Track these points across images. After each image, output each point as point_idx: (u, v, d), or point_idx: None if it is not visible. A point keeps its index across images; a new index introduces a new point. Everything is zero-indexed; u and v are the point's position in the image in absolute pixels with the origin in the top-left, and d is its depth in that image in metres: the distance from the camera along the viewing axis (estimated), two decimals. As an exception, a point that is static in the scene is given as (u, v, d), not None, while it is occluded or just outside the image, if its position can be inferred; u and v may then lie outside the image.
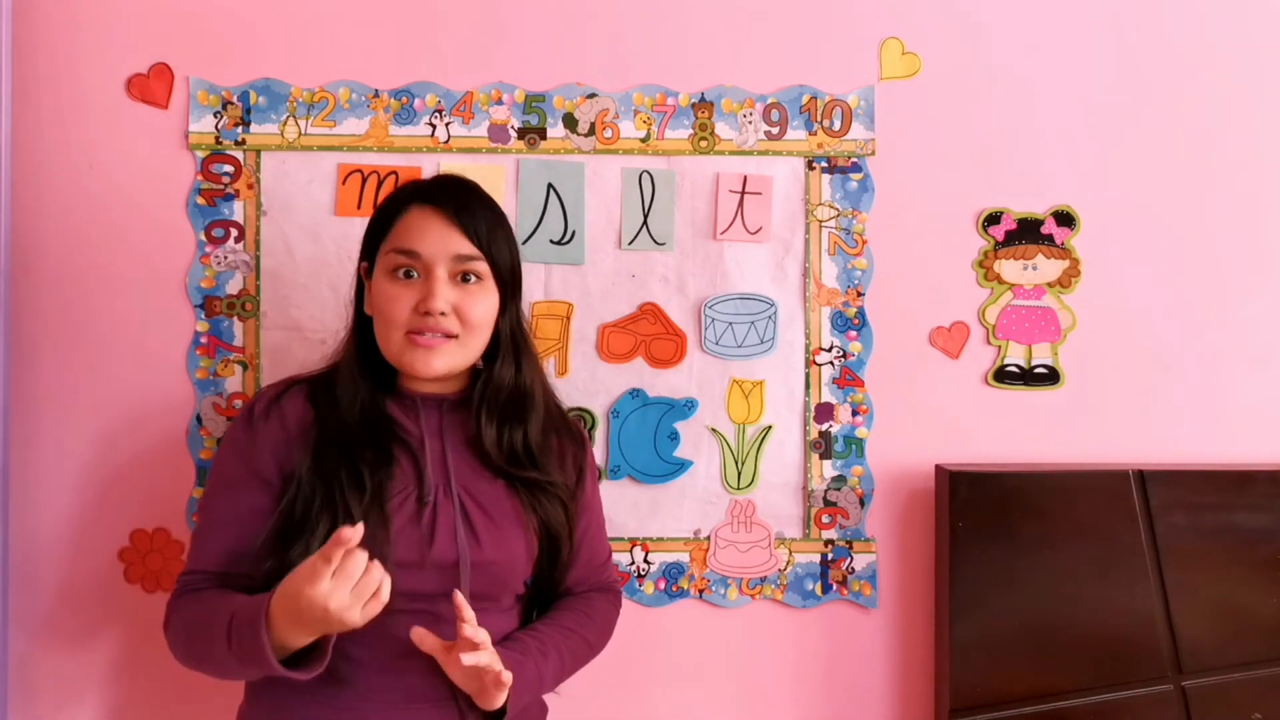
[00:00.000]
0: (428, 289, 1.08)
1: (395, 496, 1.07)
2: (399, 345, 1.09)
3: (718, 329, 1.47)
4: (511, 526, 1.12)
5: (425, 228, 1.10)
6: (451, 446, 1.13)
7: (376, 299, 1.11)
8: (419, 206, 1.12)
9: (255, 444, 1.10)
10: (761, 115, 1.48)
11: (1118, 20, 1.50)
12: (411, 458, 1.10)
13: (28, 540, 1.41)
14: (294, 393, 1.14)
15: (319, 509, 1.04)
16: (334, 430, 1.09)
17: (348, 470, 1.05)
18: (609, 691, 1.47)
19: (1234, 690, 1.40)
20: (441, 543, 1.06)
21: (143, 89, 1.43)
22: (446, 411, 1.15)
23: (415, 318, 1.08)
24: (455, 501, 1.09)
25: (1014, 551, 1.38)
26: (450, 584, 1.04)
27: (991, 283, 1.49)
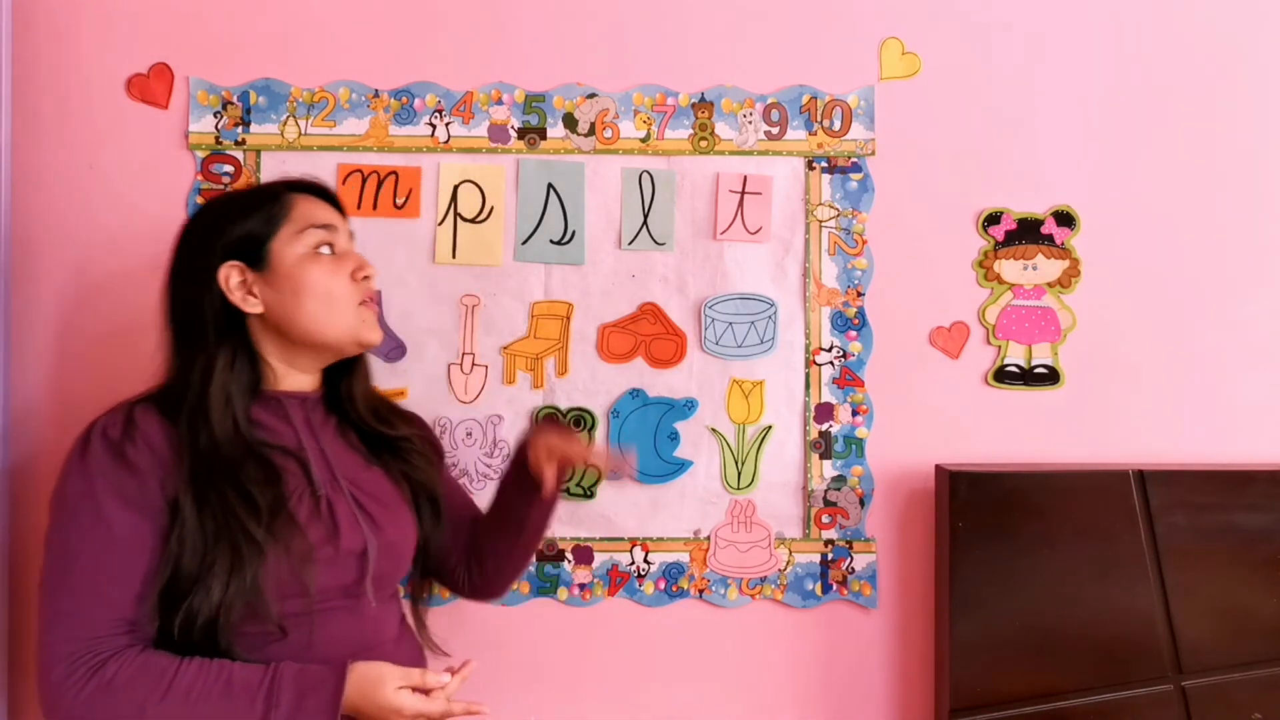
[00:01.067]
0: (356, 258, 1.13)
1: (291, 497, 1.05)
2: (354, 318, 1.10)
3: (718, 329, 1.47)
4: (398, 506, 1.15)
5: (324, 208, 1.14)
6: (325, 441, 1.13)
7: (310, 277, 1.08)
8: (298, 195, 1.13)
9: (126, 471, 0.98)
10: (761, 115, 1.48)
11: (1118, 20, 1.50)
12: (293, 459, 1.08)
13: (29, 541, 1.41)
14: (144, 412, 1.03)
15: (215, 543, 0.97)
16: (210, 456, 1.01)
17: (236, 494, 0.99)
18: (609, 691, 1.48)
19: (1234, 690, 1.40)
20: (347, 532, 1.06)
21: (143, 89, 1.43)
22: (311, 409, 1.14)
23: (359, 286, 1.12)
24: (345, 492, 1.10)
25: (1014, 551, 1.38)
26: (360, 570, 1.07)
27: (991, 283, 1.49)
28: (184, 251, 1.11)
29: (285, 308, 1.08)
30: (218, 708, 0.95)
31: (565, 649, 1.47)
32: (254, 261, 1.08)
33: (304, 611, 1.02)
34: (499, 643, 1.47)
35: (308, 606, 1.02)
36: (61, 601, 0.96)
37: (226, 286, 1.07)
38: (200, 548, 0.98)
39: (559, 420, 1.41)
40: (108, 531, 0.97)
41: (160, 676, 0.95)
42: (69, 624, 0.95)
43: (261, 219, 1.10)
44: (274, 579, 0.99)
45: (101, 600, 0.96)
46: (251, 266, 1.08)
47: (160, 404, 1.05)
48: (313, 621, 1.02)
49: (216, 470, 1.00)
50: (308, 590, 1.01)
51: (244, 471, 1.01)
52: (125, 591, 0.97)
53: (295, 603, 1.01)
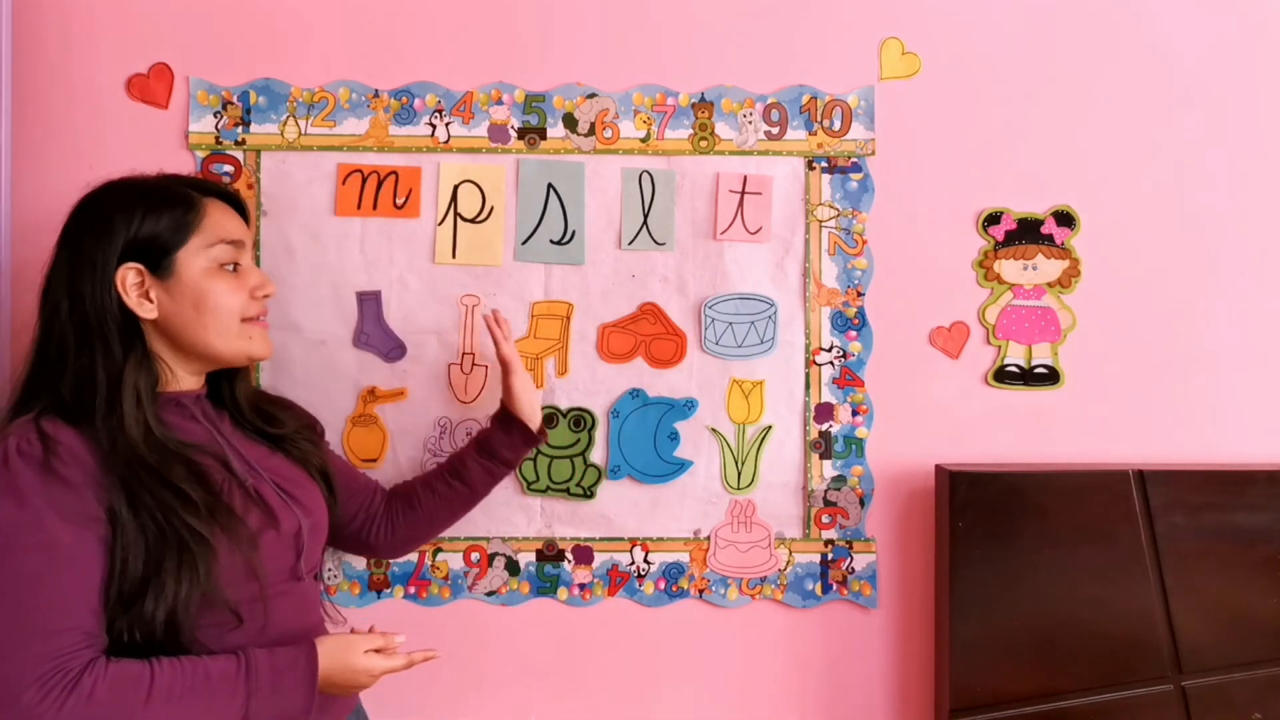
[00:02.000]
0: (258, 275, 1.15)
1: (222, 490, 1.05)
2: (237, 334, 1.11)
3: (718, 329, 1.47)
4: (312, 487, 1.19)
5: (235, 220, 1.14)
6: (229, 435, 1.14)
7: (212, 293, 1.08)
8: (212, 201, 1.12)
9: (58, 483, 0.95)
10: (761, 115, 1.48)
11: (1118, 20, 1.50)
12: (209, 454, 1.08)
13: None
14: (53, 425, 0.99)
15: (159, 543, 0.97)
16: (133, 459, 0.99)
17: (171, 493, 0.99)
18: (609, 691, 1.48)
19: (1234, 690, 1.40)
20: (282, 516, 1.09)
21: (143, 89, 1.43)
22: (205, 405, 1.15)
23: (252, 304, 1.13)
24: (267, 480, 1.12)
25: (1014, 551, 1.38)
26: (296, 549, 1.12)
27: (991, 283, 1.49)
28: (80, 243, 1.05)
29: (182, 318, 1.07)
30: (201, 703, 0.96)
31: (565, 649, 1.47)
32: (155, 266, 1.06)
33: (257, 597, 1.05)
34: (499, 643, 1.47)
35: (260, 592, 1.05)
36: (20, 628, 0.93)
37: (123, 287, 1.04)
38: (143, 551, 0.97)
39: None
40: (54, 549, 0.94)
41: (138, 682, 0.94)
42: (33, 646, 0.92)
43: (171, 225, 1.06)
44: (225, 569, 1.01)
45: (61, 618, 0.94)
46: (152, 271, 1.06)
47: (64, 413, 1.00)
48: (266, 605, 1.05)
49: (144, 472, 0.99)
50: (257, 575, 1.04)
51: (171, 471, 1.01)
52: (81, 605, 0.95)
53: (247, 588, 1.03)
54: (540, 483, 1.46)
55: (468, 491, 1.34)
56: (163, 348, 1.09)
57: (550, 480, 1.46)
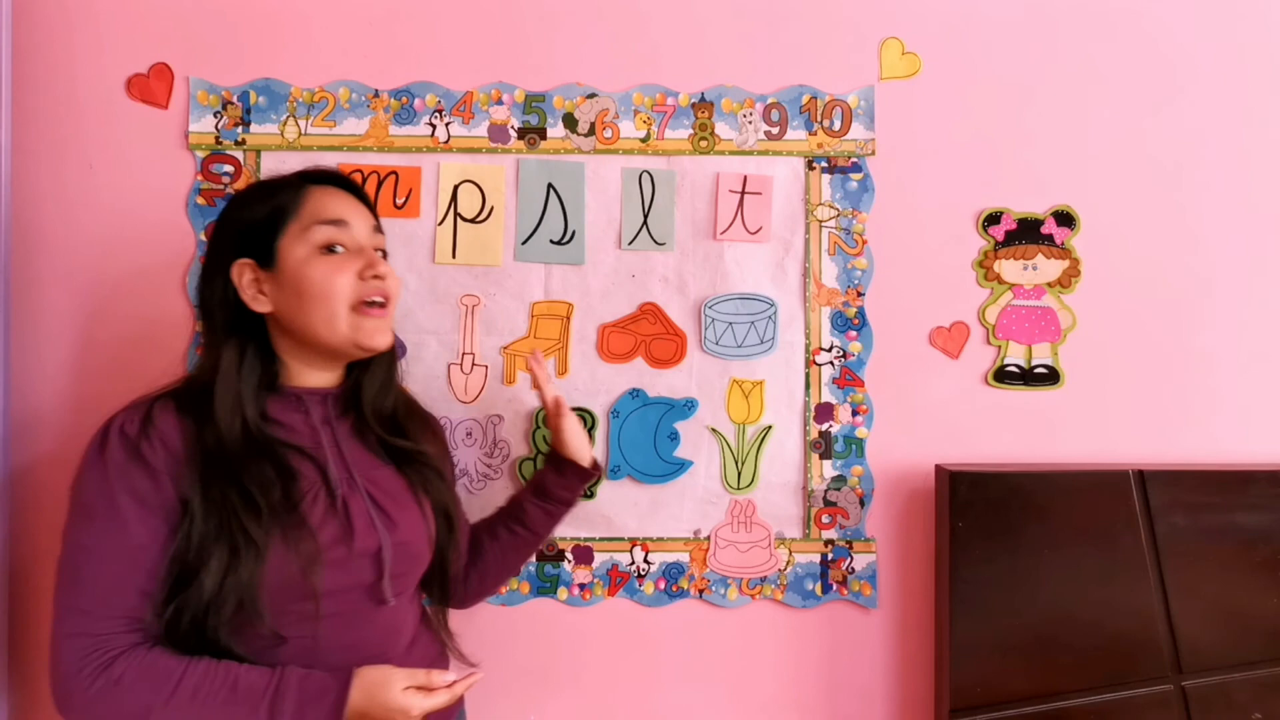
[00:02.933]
0: (367, 256, 1.09)
1: (305, 497, 1.04)
2: (348, 322, 1.07)
3: (718, 329, 1.47)
4: (410, 505, 1.13)
5: (340, 201, 1.10)
6: (342, 438, 1.12)
7: (311, 279, 1.06)
8: (318, 187, 1.10)
9: (141, 469, 0.98)
10: (761, 115, 1.48)
11: (1117, 20, 1.50)
12: (307, 457, 1.07)
13: (29, 541, 1.41)
14: (162, 409, 1.03)
15: (212, 540, 0.97)
16: (216, 453, 1.01)
17: (239, 493, 0.99)
18: (609, 691, 1.48)
19: (1234, 690, 1.40)
20: (361, 531, 1.05)
21: (143, 89, 1.43)
22: (330, 405, 1.13)
23: (363, 286, 1.08)
24: (361, 490, 1.09)
25: (1014, 551, 1.38)
26: (376, 570, 1.07)
27: (991, 283, 1.49)
28: (209, 243, 1.11)
29: (289, 308, 1.07)
30: (222, 712, 0.95)
31: (565, 649, 1.47)
32: (263, 259, 1.07)
33: (309, 615, 1.01)
34: (499, 642, 1.47)
35: (313, 610, 1.01)
36: (73, 598, 0.97)
37: (239, 284, 1.06)
38: (200, 544, 0.97)
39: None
40: (121, 531, 0.97)
41: (167, 677, 0.95)
42: (80, 620, 0.96)
43: (269, 215, 1.08)
44: (279, 580, 0.99)
45: (112, 598, 0.96)
46: (261, 264, 1.07)
47: (179, 400, 1.04)
48: (317, 625, 1.02)
49: (222, 468, 1.00)
50: (314, 593, 1.00)
51: (249, 471, 1.00)
52: (136, 590, 0.97)
53: (301, 605, 1.01)
54: None
55: (529, 535, 1.31)
56: (283, 342, 1.09)
57: (550, 480, 1.46)
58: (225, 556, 0.97)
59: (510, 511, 1.33)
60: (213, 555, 0.97)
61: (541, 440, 1.46)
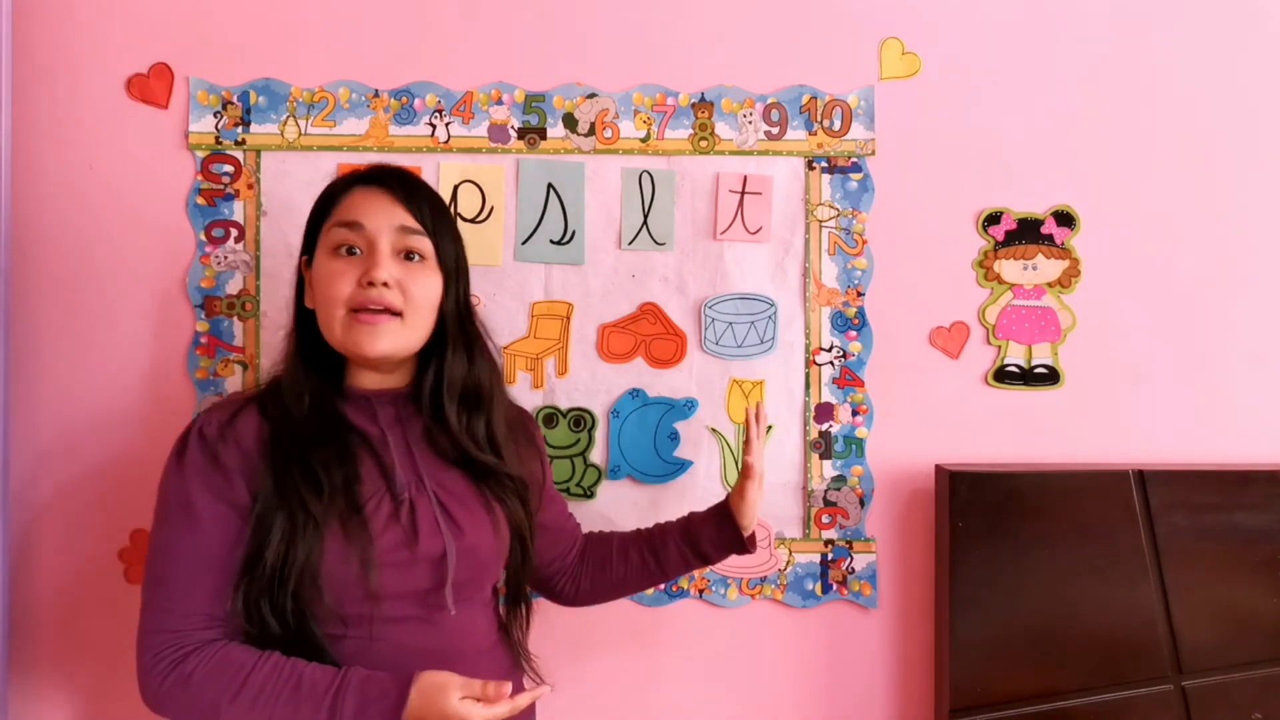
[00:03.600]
0: (371, 260, 1.05)
1: (370, 499, 1.04)
2: (342, 326, 1.05)
3: (718, 329, 1.47)
4: (480, 512, 1.11)
5: (369, 202, 1.08)
6: (414, 440, 1.11)
7: (318, 280, 1.07)
8: (363, 187, 1.10)
9: (217, 471, 1.01)
10: (761, 115, 1.48)
11: (1118, 20, 1.50)
12: (374, 457, 1.07)
13: (28, 540, 1.41)
14: (246, 412, 1.06)
15: (273, 514, 0.99)
16: (285, 434, 1.04)
17: (300, 470, 1.01)
18: (609, 691, 1.48)
19: (1234, 690, 1.40)
20: (426, 536, 1.04)
21: (143, 89, 1.43)
22: (400, 405, 1.12)
23: (358, 292, 1.05)
24: (430, 494, 1.07)
25: (1014, 551, 1.38)
26: (439, 576, 1.05)
27: (991, 283, 1.49)
28: None
29: (316, 307, 1.09)
30: (287, 708, 0.96)
31: (565, 649, 1.47)
32: (310, 258, 1.11)
33: (367, 616, 1.01)
34: (499, 643, 1.47)
35: (370, 611, 1.01)
36: (154, 595, 1.01)
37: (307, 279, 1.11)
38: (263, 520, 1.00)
39: None
40: (198, 531, 1.00)
41: (236, 674, 0.97)
42: (159, 618, 1.00)
43: (315, 214, 1.12)
44: (338, 574, 0.99)
45: (188, 596, 1.00)
46: (308, 263, 1.12)
47: (262, 400, 1.09)
48: (376, 626, 1.01)
49: (289, 449, 1.03)
50: (372, 594, 1.00)
51: (313, 451, 1.03)
52: (212, 587, 1.00)
53: (360, 605, 1.01)
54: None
55: (659, 571, 1.28)
56: None
57: (550, 480, 1.46)
58: (285, 529, 0.99)
59: (650, 542, 1.29)
60: (274, 528, 0.99)
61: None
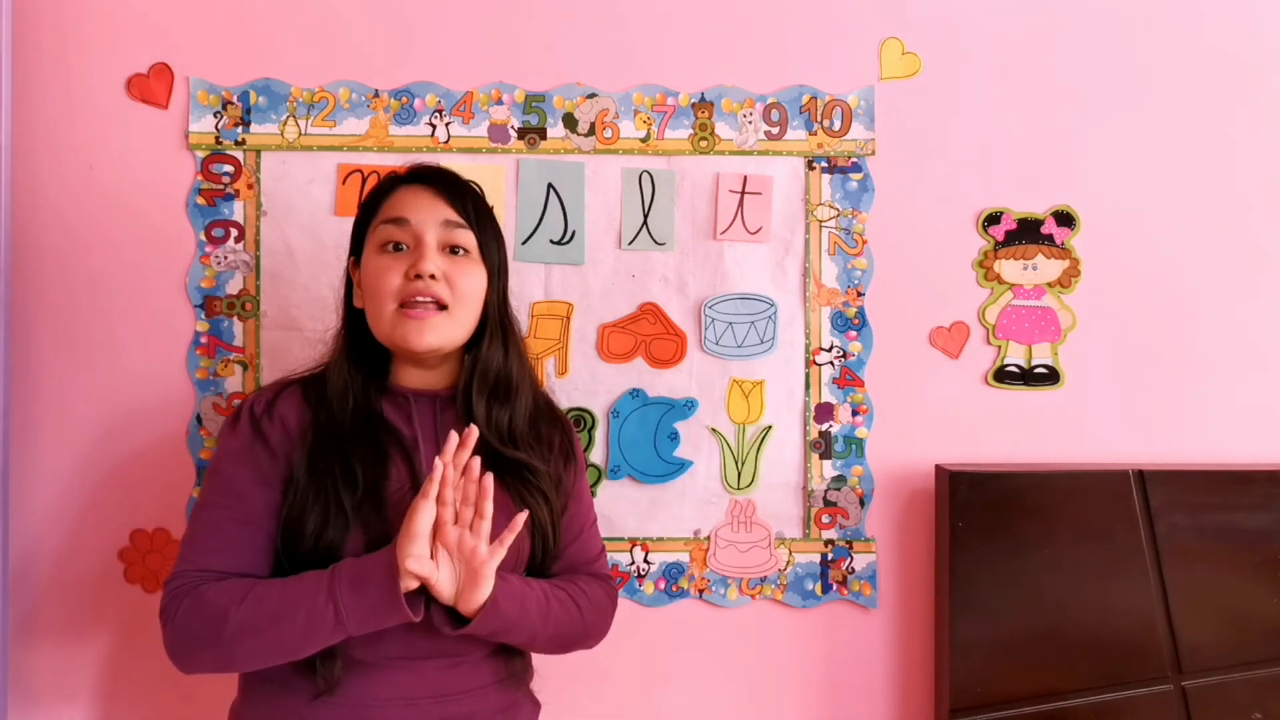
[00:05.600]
0: (418, 254, 1.08)
1: (394, 494, 1.05)
2: (391, 320, 1.07)
3: (718, 329, 1.47)
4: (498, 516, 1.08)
5: (415, 199, 1.11)
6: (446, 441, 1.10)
7: (366, 276, 1.10)
8: (408, 185, 1.13)
9: (261, 445, 1.07)
10: (761, 115, 1.48)
11: (1118, 20, 1.50)
12: (405, 455, 1.08)
13: (28, 539, 1.41)
14: (289, 393, 1.12)
15: (310, 505, 1.03)
16: (328, 428, 1.07)
17: (341, 466, 1.04)
18: (609, 691, 1.47)
19: (1234, 690, 1.40)
20: None
21: (143, 89, 1.43)
22: (440, 409, 1.13)
23: (406, 286, 1.07)
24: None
25: (1014, 551, 1.38)
26: None
27: (991, 283, 1.49)
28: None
29: (365, 304, 1.11)
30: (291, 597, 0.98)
31: (565, 649, 1.47)
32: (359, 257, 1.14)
33: None
34: (499, 643, 1.47)
35: None
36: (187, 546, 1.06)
37: (354, 277, 1.15)
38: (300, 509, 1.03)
39: None
40: (234, 498, 1.06)
41: (242, 588, 1.01)
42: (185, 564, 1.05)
43: (362, 214, 1.15)
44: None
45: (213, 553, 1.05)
46: (357, 262, 1.14)
47: (305, 385, 1.13)
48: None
49: (329, 444, 1.06)
50: None
51: (353, 449, 1.05)
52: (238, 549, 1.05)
53: None
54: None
55: None
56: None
57: (550, 480, 1.46)
58: (318, 522, 1.02)
59: None
60: (309, 519, 1.03)
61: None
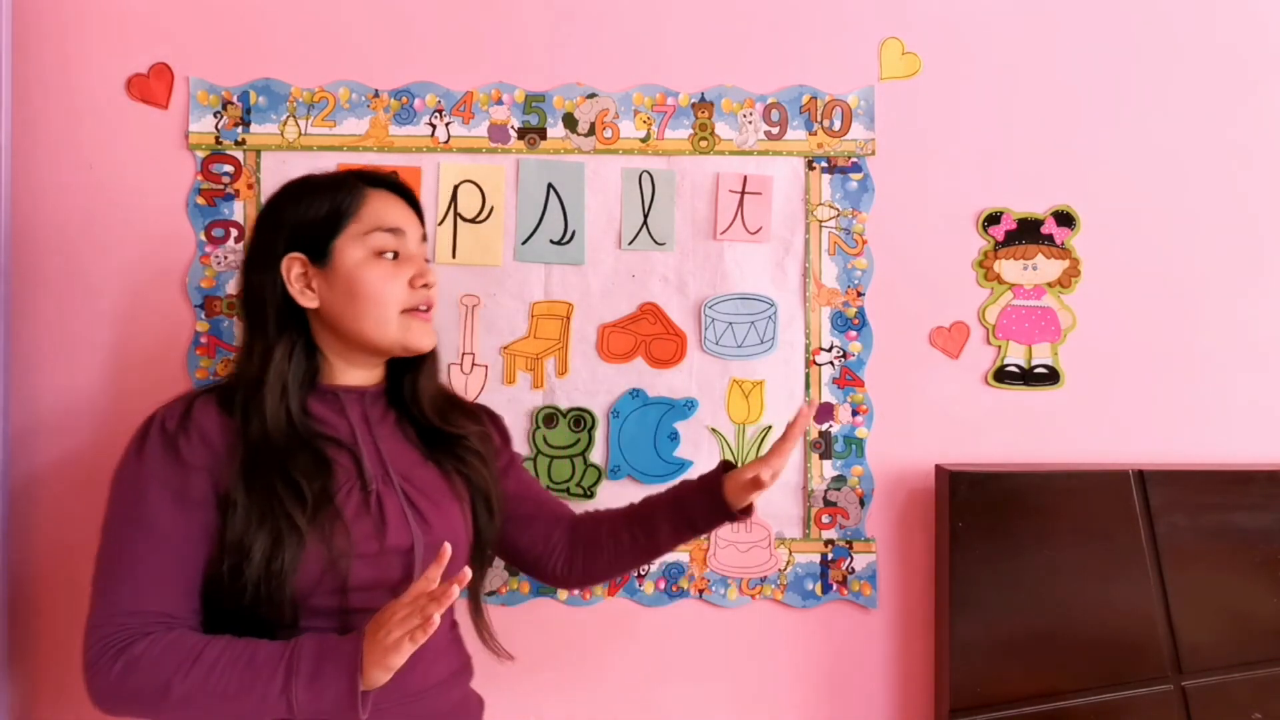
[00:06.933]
0: (418, 264, 1.12)
1: (341, 490, 1.05)
2: (399, 325, 1.10)
3: (718, 329, 1.47)
4: (449, 504, 1.13)
5: (399, 210, 1.13)
6: (381, 437, 1.12)
7: (368, 282, 1.08)
8: (375, 191, 1.13)
9: (177, 465, 1.00)
10: (761, 115, 1.48)
11: (1118, 20, 1.50)
12: (346, 452, 1.08)
13: (29, 540, 1.41)
14: (204, 405, 1.05)
15: (255, 529, 0.98)
16: (261, 444, 1.02)
17: (284, 482, 1.00)
18: (609, 691, 1.48)
19: (1234, 690, 1.40)
20: (394, 529, 1.06)
21: (143, 89, 1.43)
22: (369, 404, 1.14)
23: (412, 294, 1.11)
24: (396, 488, 1.09)
25: (1014, 551, 1.38)
26: (407, 569, 1.06)
27: (991, 283, 1.49)
28: (256, 236, 1.11)
29: (339, 307, 1.09)
30: (241, 679, 0.94)
31: (565, 649, 1.47)
32: (316, 256, 1.09)
33: (336, 609, 1.02)
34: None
35: (341, 603, 1.02)
36: (105, 586, 0.99)
37: (287, 277, 1.08)
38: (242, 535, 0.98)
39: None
40: (152, 526, 0.99)
41: (186, 652, 0.95)
42: (108, 608, 0.98)
43: (329, 214, 1.09)
44: (311, 572, 0.99)
45: (139, 590, 0.98)
46: (313, 260, 1.09)
47: (221, 395, 1.07)
48: (344, 620, 1.02)
49: (267, 459, 1.01)
50: (343, 586, 1.01)
51: (294, 461, 1.02)
52: (167, 584, 0.99)
53: (329, 599, 1.01)
54: (541, 483, 1.46)
55: (652, 547, 1.25)
56: (326, 339, 1.11)
57: (550, 480, 1.46)
58: (268, 546, 0.98)
59: (639, 520, 1.25)
60: (256, 545, 0.98)
61: (542, 440, 1.46)
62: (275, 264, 1.08)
